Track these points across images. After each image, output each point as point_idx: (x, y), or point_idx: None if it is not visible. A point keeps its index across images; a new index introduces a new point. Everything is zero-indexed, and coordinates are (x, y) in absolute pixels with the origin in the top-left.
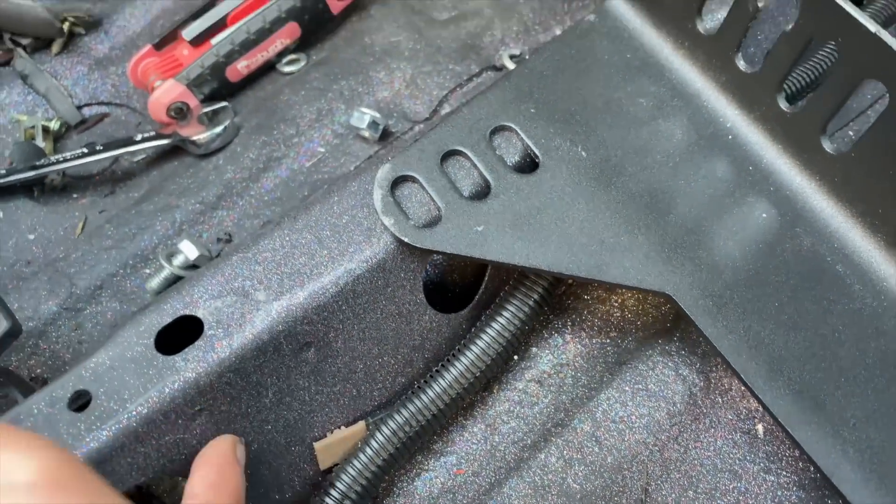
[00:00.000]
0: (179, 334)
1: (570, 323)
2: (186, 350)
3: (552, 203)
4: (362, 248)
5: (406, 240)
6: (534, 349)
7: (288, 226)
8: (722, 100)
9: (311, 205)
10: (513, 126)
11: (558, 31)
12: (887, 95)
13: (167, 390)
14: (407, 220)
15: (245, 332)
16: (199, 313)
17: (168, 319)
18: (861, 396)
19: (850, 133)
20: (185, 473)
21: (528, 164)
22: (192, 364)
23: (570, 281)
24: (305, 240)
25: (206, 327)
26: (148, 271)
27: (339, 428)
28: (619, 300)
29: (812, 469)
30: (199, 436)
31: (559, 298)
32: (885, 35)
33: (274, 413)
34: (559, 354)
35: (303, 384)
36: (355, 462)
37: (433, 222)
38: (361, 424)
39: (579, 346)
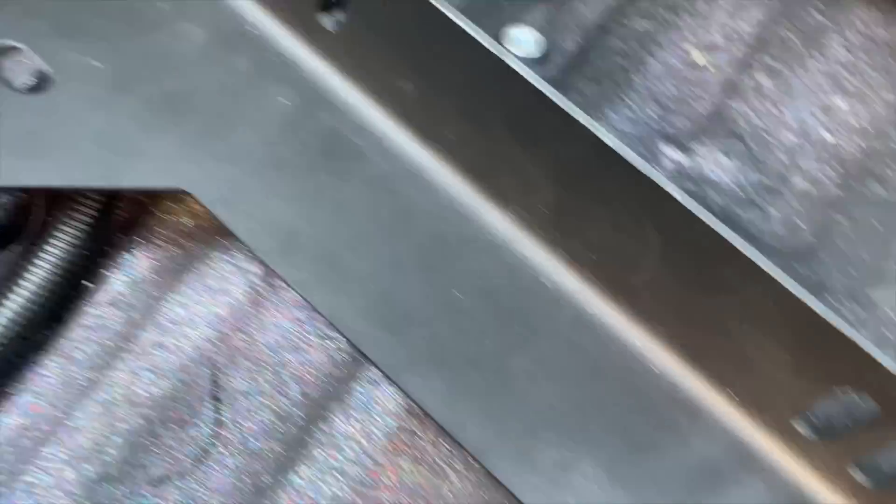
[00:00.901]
0: None
1: (141, 239)
2: None
3: (66, 119)
4: None
5: None
6: (105, 272)
7: None
8: None
9: None
10: (21, 46)
11: None
12: None
13: None
14: None
15: None
16: None
17: None
18: (370, 254)
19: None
20: None
21: (41, 84)
22: None
23: (142, 198)
24: None
25: None
26: None
27: None
28: (190, 210)
29: None
30: None
31: (132, 217)
32: None
33: None
34: (131, 272)
35: None
36: None
37: None
38: None
39: (151, 261)
